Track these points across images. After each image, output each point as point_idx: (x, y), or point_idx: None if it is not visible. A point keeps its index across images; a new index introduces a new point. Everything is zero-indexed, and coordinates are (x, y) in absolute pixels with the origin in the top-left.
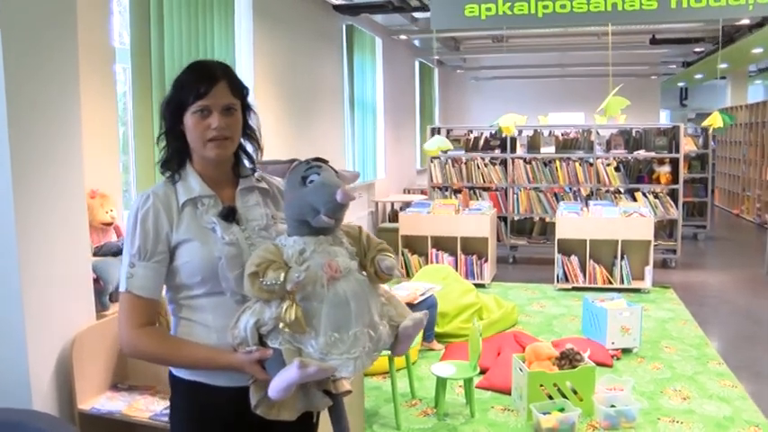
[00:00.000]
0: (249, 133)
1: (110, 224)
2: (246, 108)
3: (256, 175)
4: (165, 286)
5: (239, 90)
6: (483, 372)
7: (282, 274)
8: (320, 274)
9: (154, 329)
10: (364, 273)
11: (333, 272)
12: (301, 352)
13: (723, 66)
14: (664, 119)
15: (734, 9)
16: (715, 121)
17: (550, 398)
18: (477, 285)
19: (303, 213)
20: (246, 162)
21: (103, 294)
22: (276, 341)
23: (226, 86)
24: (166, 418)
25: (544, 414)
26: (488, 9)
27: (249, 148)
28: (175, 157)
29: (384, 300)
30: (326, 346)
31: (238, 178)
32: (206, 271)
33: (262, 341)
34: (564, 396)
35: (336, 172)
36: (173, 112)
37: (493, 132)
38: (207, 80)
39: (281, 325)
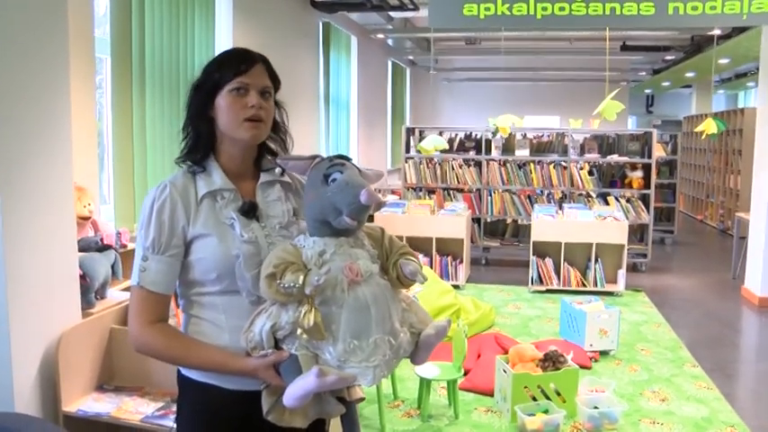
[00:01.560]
0: (274, 132)
1: (87, 218)
2: (275, 103)
3: (278, 168)
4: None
5: (273, 79)
6: (465, 373)
7: (301, 277)
8: (340, 278)
9: (166, 327)
10: (386, 277)
11: (353, 275)
12: (318, 358)
13: (690, 74)
14: (630, 125)
15: (728, 17)
16: (709, 127)
17: (534, 399)
18: (453, 287)
19: (324, 214)
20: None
21: (89, 291)
22: (292, 346)
23: (264, 69)
24: (159, 421)
25: (529, 416)
26: (487, 9)
27: (272, 146)
28: (200, 146)
29: (405, 306)
30: (345, 354)
31: (260, 172)
32: (222, 268)
33: (277, 345)
34: (547, 398)
35: (360, 170)
36: (206, 93)
37: (468, 134)
38: (247, 60)
39: (298, 330)
